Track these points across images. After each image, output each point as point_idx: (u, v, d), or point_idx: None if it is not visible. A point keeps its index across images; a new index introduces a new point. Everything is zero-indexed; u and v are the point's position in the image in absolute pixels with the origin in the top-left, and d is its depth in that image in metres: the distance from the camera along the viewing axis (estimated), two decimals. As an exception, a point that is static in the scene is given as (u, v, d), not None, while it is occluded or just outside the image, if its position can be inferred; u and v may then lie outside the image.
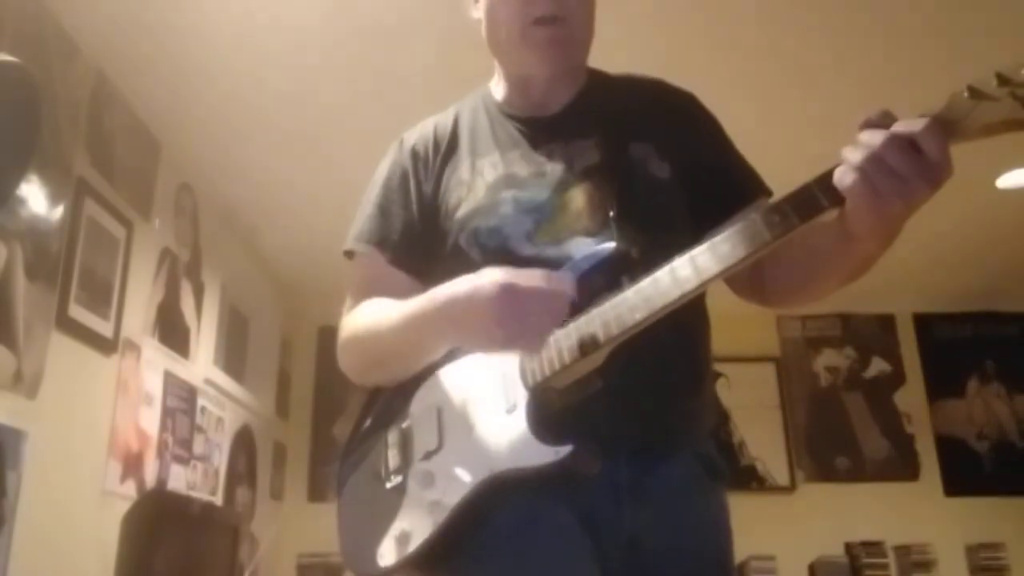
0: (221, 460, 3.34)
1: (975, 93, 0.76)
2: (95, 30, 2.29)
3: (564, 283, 0.92)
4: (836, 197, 0.82)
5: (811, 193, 0.84)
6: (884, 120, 0.81)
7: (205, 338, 3.22)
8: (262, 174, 3.16)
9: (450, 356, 1.05)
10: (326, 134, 2.84)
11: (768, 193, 1.14)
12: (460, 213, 1.11)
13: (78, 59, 2.31)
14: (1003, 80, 0.75)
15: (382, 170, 1.23)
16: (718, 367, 4.37)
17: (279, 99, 2.67)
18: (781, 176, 1.07)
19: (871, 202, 0.80)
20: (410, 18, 2.29)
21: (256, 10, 2.27)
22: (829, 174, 0.82)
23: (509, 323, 0.90)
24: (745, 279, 1.07)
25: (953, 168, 0.78)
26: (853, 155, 0.80)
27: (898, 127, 0.79)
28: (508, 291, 0.90)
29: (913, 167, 0.77)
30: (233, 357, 3.84)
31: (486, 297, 0.91)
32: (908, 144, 0.77)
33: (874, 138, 0.79)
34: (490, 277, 0.92)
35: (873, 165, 0.78)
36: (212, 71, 2.52)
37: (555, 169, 1.10)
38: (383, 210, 1.19)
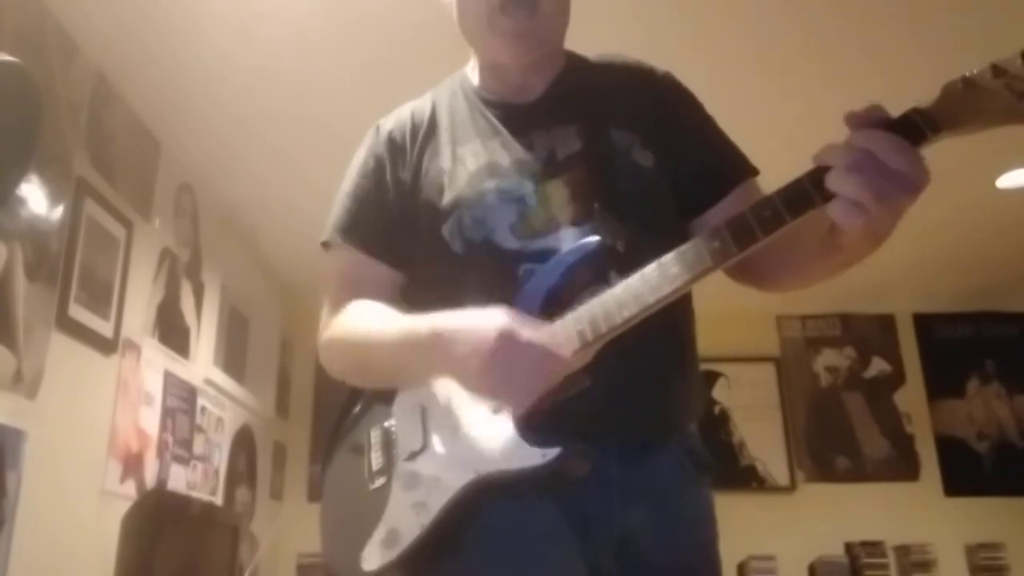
0: (221, 460, 3.34)
1: (970, 85, 0.75)
2: (95, 30, 2.29)
3: (568, 349, 0.89)
4: (828, 193, 0.80)
5: (803, 189, 0.82)
6: (872, 114, 0.79)
7: (205, 338, 3.22)
8: (262, 174, 3.16)
9: None
10: (327, 134, 2.83)
11: (754, 172, 1.13)
12: (442, 202, 1.07)
13: (78, 59, 2.31)
14: (999, 72, 0.74)
15: (358, 158, 1.20)
16: (718, 367, 4.41)
17: (280, 99, 2.67)
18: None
19: (858, 213, 0.78)
20: (415, 19, 2.28)
21: (256, 10, 2.27)
22: (821, 170, 0.81)
23: (497, 373, 0.89)
24: (737, 264, 1.07)
25: (930, 173, 0.77)
26: (838, 163, 0.78)
27: (866, 143, 0.77)
28: (506, 339, 0.88)
29: (890, 183, 0.76)
30: (233, 357, 3.84)
31: (483, 340, 0.89)
32: (881, 165, 0.76)
33: (849, 156, 0.78)
34: (493, 320, 0.90)
35: (854, 182, 0.77)
36: (212, 71, 2.52)
37: (537, 158, 1.07)
38: (359, 200, 1.16)
